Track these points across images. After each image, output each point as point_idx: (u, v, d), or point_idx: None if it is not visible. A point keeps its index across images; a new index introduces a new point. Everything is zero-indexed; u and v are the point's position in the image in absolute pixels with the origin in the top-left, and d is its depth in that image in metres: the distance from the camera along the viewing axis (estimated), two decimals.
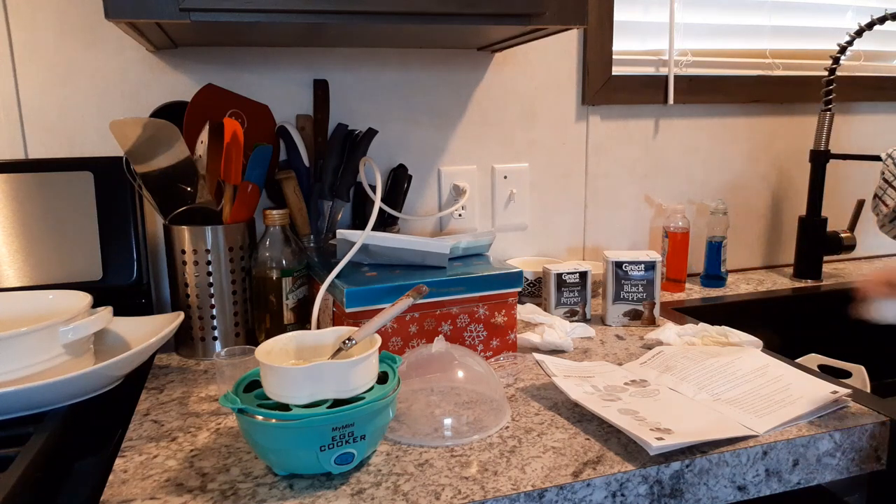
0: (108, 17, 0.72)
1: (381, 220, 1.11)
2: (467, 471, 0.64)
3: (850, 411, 0.75)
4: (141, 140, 0.89)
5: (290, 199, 1.04)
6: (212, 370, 0.91)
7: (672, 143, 1.36)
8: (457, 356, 0.78)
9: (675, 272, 1.26)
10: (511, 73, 1.23)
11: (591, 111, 1.29)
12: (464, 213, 1.24)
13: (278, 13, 0.77)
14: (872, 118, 1.51)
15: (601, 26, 1.25)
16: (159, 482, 0.63)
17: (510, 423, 0.74)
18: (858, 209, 1.35)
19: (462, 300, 0.89)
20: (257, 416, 0.60)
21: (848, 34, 1.27)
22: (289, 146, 1.06)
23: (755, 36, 1.40)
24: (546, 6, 0.84)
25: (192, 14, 0.74)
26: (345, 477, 0.63)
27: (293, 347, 0.70)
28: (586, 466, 0.65)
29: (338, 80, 1.13)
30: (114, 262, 0.98)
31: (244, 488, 0.62)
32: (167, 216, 0.94)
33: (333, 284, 0.87)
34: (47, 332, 0.73)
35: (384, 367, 0.69)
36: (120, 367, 0.75)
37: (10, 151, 1.02)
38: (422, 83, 1.18)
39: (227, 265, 0.93)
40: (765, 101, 1.40)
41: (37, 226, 0.95)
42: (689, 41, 1.35)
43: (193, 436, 0.72)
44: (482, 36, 1.04)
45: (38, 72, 1.01)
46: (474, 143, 1.24)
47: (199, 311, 0.93)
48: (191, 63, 1.07)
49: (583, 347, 0.98)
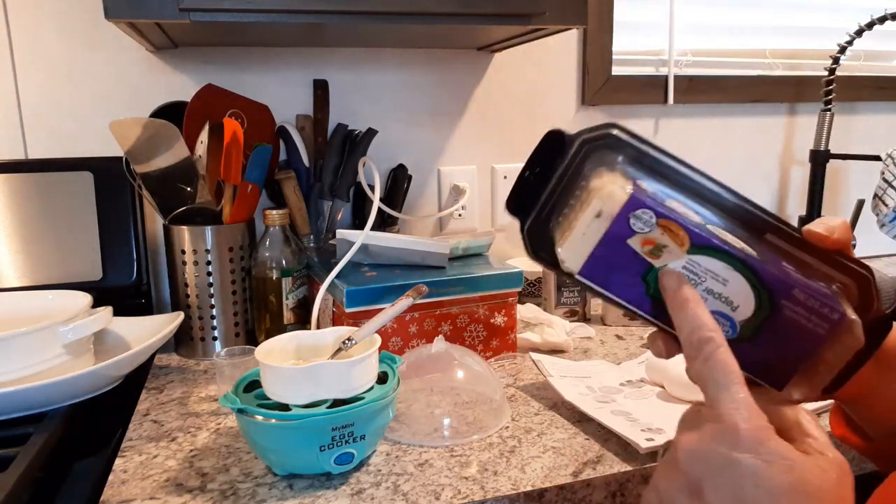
0: (108, 17, 0.72)
1: (381, 220, 1.11)
2: (467, 471, 0.64)
3: None
4: (141, 140, 0.89)
5: (290, 199, 1.04)
6: (212, 370, 0.91)
7: (672, 143, 1.36)
8: (456, 356, 0.78)
9: None
10: (511, 73, 1.23)
11: (591, 111, 1.29)
12: (464, 213, 1.24)
13: (278, 13, 0.77)
14: (872, 118, 1.51)
15: (601, 26, 1.25)
16: (159, 482, 0.63)
17: (510, 423, 0.74)
18: (858, 209, 1.35)
19: (462, 300, 0.89)
20: (257, 416, 0.60)
21: (848, 34, 1.27)
22: (289, 146, 1.06)
23: (755, 35, 1.40)
24: (546, 6, 0.84)
25: (191, 14, 0.74)
26: (344, 477, 0.63)
27: (293, 347, 0.70)
28: (586, 466, 0.65)
29: (338, 80, 1.13)
30: (114, 262, 0.98)
31: (244, 488, 0.62)
32: (167, 216, 0.94)
33: (333, 284, 0.87)
34: (47, 332, 0.73)
35: (384, 367, 0.69)
36: (120, 367, 0.75)
37: (10, 151, 1.02)
38: (422, 83, 1.18)
39: (227, 265, 0.93)
40: (765, 100, 1.40)
41: (37, 226, 0.95)
42: (688, 41, 1.35)
43: (193, 436, 0.72)
44: (482, 36, 1.04)
45: (38, 72, 1.01)
46: (474, 143, 1.23)
47: (199, 311, 0.93)
48: (191, 63, 1.07)
49: (583, 347, 0.98)
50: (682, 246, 0.38)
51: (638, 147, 0.40)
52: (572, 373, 0.83)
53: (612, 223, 0.38)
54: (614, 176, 0.39)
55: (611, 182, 0.39)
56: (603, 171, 0.40)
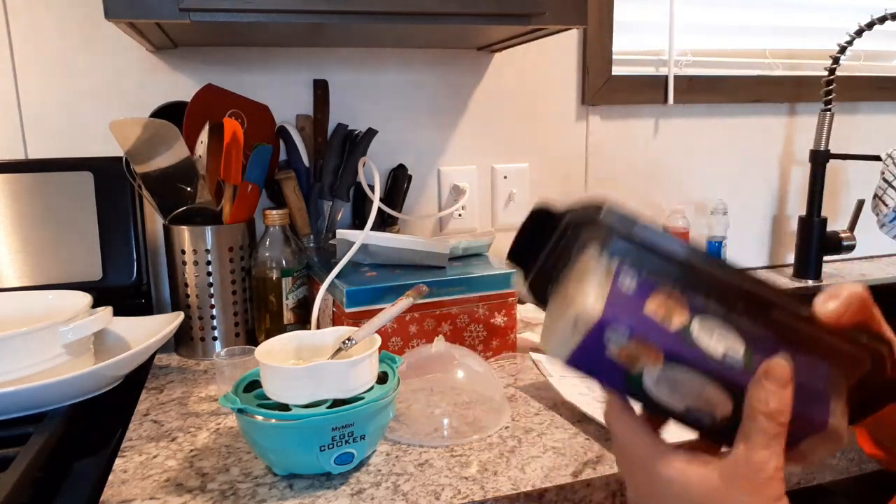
0: (108, 17, 0.72)
1: (381, 220, 1.11)
2: (467, 471, 0.64)
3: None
4: (141, 140, 0.89)
5: (290, 199, 1.04)
6: (212, 370, 0.91)
7: (672, 143, 1.36)
8: (457, 356, 0.78)
9: None
10: (511, 73, 1.23)
11: (591, 111, 1.29)
12: (463, 213, 1.24)
13: (278, 13, 0.77)
14: (872, 118, 1.51)
15: (601, 26, 1.25)
16: (159, 482, 0.63)
17: (510, 423, 0.74)
18: (858, 209, 1.35)
19: (462, 300, 0.89)
20: (257, 416, 0.60)
21: (848, 34, 1.27)
22: (289, 146, 1.06)
23: (755, 35, 1.40)
24: (546, 6, 0.84)
25: (191, 14, 0.74)
26: (344, 477, 0.63)
27: (293, 347, 0.70)
28: (586, 466, 0.65)
29: (338, 80, 1.13)
30: (114, 262, 0.98)
31: (244, 488, 0.62)
32: (167, 216, 0.94)
33: (333, 284, 0.87)
34: (47, 332, 0.73)
35: (384, 367, 0.69)
36: (120, 367, 0.75)
37: (10, 151, 1.02)
38: (422, 83, 1.18)
39: (227, 265, 0.93)
40: (765, 100, 1.40)
41: (37, 226, 0.95)
42: (688, 41, 1.35)
43: (193, 436, 0.72)
44: (482, 36, 1.04)
45: (38, 72, 1.01)
46: (474, 143, 1.23)
47: (199, 311, 0.93)
48: (191, 63, 1.07)
49: None
50: (657, 361, 0.37)
51: (625, 232, 0.39)
52: (572, 373, 0.83)
53: (587, 335, 0.37)
54: (595, 272, 0.38)
55: (589, 287, 0.38)
56: (588, 256, 0.39)
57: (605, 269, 0.39)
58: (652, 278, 0.39)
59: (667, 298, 0.39)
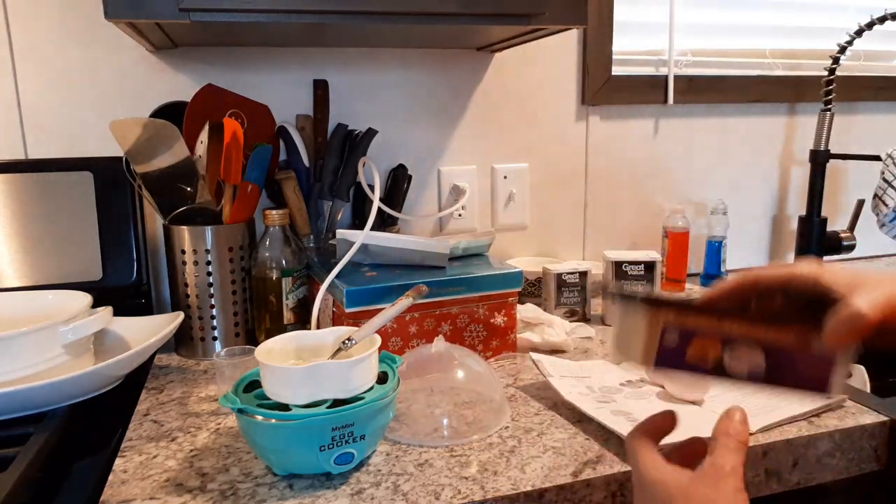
0: (108, 17, 0.72)
1: (381, 220, 1.11)
2: (467, 471, 0.64)
3: (849, 411, 0.75)
4: (141, 140, 0.89)
5: (290, 199, 1.04)
6: (212, 370, 0.91)
7: (672, 143, 1.36)
8: (456, 356, 0.78)
9: (675, 272, 1.26)
10: (511, 73, 1.23)
11: (591, 111, 1.29)
12: (464, 213, 1.24)
13: (278, 13, 0.77)
14: (872, 118, 1.51)
15: (601, 26, 1.25)
16: (159, 482, 0.63)
17: (510, 423, 0.74)
18: (858, 209, 1.35)
19: (462, 300, 0.89)
20: (257, 416, 0.60)
21: (848, 34, 1.27)
22: (289, 146, 1.06)
23: (755, 35, 1.40)
24: (546, 6, 0.84)
25: (191, 14, 0.74)
26: (344, 477, 0.63)
27: (293, 347, 0.70)
28: (586, 466, 0.65)
29: (338, 80, 1.13)
30: (113, 262, 0.98)
31: (244, 488, 0.62)
32: (167, 216, 0.94)
33: (333, 284, 0.87)
34: (47, 332, 0.73)
35: (384, 367, 0.69)
36: (120, 367, 0.75)
37: (10, 151, 1.02)
38: (422, 83, 1.18)
39: (227, 265, 0.93)
40: (765, 100, 1.40)
41: (37, 226, 0.95)
42: (688, 41, 1.35)
43: (193, 436, 0.72)
44: (482, 36, 1.04)
45: (38, 72, 1.01)
46: (474, 143, 1.23)
47: (199, 311, 0.93)
48: (191, 63, 1.07)
49: (583, 347, 0.98)
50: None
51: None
52: (572, 373, 0.83)
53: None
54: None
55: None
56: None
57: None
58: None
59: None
